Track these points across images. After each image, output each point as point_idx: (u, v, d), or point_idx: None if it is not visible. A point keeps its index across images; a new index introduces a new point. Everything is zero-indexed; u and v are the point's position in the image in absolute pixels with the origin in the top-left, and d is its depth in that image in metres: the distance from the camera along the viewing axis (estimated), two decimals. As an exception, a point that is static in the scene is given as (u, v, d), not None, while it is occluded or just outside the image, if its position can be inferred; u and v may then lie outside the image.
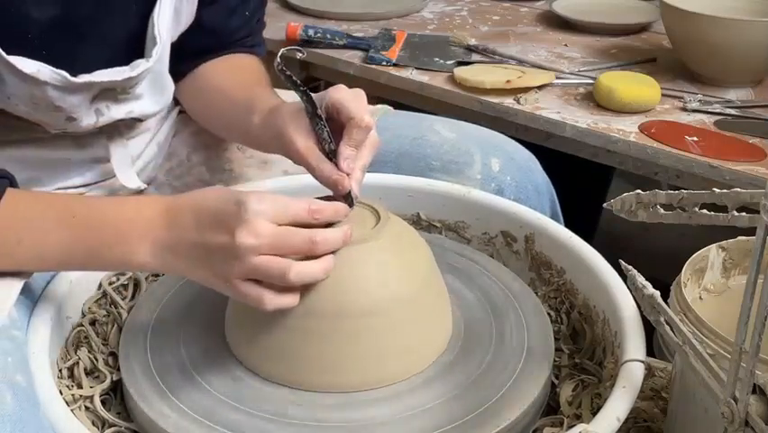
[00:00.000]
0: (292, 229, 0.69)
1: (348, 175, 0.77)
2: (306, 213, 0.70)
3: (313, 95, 0.78)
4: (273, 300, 0.69)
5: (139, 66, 0.87)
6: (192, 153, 1.10)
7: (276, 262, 0.67)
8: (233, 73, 1.02)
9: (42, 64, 0.80)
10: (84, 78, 0.83)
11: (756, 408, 0.58)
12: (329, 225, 0.72)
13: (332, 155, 0.77)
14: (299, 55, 0.80)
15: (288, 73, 0.75)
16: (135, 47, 0.89)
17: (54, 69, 0.81)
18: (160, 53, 0.88)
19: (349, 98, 0.79)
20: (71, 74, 0.82)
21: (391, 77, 1.49)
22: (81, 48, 0.85)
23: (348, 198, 0.76)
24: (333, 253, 0.71)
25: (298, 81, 0.76)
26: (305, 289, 0.71)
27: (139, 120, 0.96)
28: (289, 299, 0.70)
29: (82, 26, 0.84)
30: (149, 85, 0.92)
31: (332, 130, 0.78)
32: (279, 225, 0.68)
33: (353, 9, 1.77)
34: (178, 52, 0.96)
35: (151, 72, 0.90)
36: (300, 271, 0.68)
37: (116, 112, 0.91)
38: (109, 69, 0.86)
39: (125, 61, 0.87)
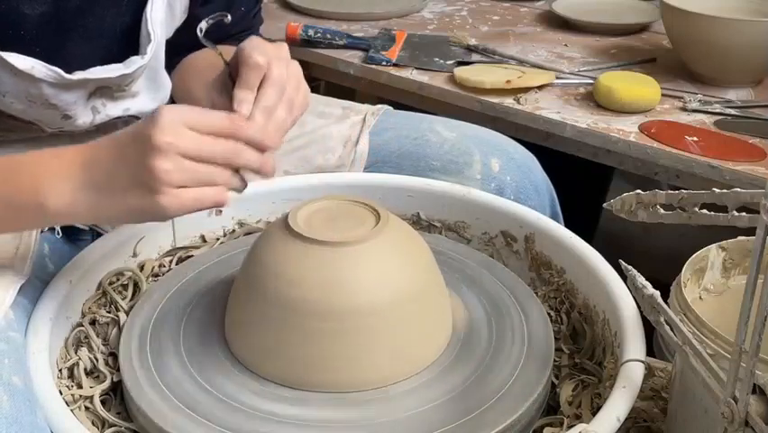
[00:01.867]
0: (212, 138, 0.67)
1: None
2: (227, 120, 0.68)
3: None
4: (222, 191, 0.68)
5: (134, 63, 0.87)
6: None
7: (216, 167, 0.67)
8: (204, 57, 1.00)
9: (37, 61, 0.80)
10: (78, 75, 0.83)
11: (756, 408, 0.58)
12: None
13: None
14: (226, 19, 0.78)
15: (207, 40, 0.74)
16: (130, 44, 0.88)
17: (48, 65, 0.80)
18: (154, 50, 0.88)
19: (251, 45, 0.76)
20: (66, 71, 0.82)
21: (391, 77, 1.49)
22: (74, 44, 0.84)
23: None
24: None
25: (215, 45, 0.75)
26: (304, 290, 0.71)
27: (136, 118, 0.96)
28: (237, 182, 0.69)
29: (74, 21, 0.84)
30: (145, 82, 0.92)
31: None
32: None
33: (353, 9, 1.77)
34: (173, 48, 0.96)
35: (147, 69, 0.90)
36: (248, 153, 0.68)
37: (113, 110, 0.90)
38: (104, 66, 0.85)
39: (120, 58, 0.87)
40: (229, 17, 0.79)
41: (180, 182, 0.67)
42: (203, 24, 0.75)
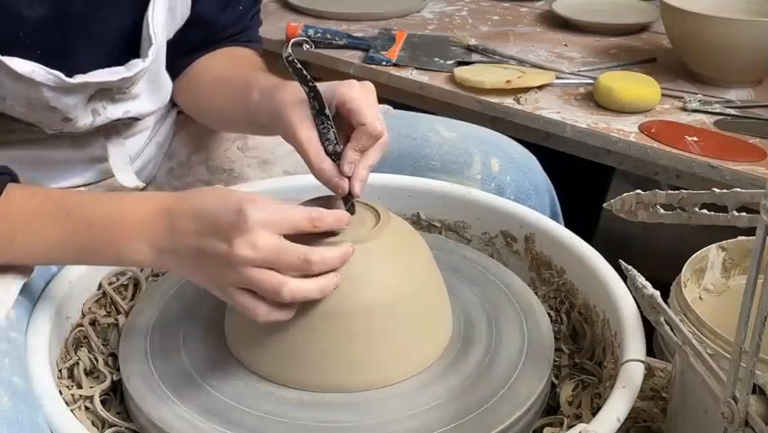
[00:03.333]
0: (290, 245, 0.67)
1: (350, 178, 0.76)
2: (307, 222, 0.69)
3: (321, 88, 0.76)
4: (266, 314, 0.68)
5: (135, 66, 0.87)
6: (192, 153, 1.10)
7: (269, 277, 0.66)
8: (229, 60, 1.01)
9: (37, 65, 0.80)
10: (79, 79, 0.83)
11: (756, 408, 0.58)
12: (332, 233, 0.72)
13: (335, 157, 0.76)
14: (306, 47, 0.79)
15: (299, 66, 0.73)
16: (131, 46, 0.88)
17: (49, 69, 0.80)
18: (155, 53, 0.88)
19: (361, 100, 0.77)
20: (66, 74, 0.82)
21: (391, 77, 1.49)
22: (75, 47, 0.84)
23: (348, 202, 0.76)
24: (333, 271, 0.70)
25: (308, 75, 0.74)
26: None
27: (137, 119, 0.96)
28: (283, 315, 0.69)
29: (74, 25, 0.84)
30: (146, 84, 0.92)
31: (338, 127, 0.77)
32: (280, 234, 0.67)
33: (353, 9, 1.77)
34: (171, 48, 0.96)
35: (148, 72, 0.90)
36: (293, 289, 0.67)
37: (113, 112, 0.90)
38: (105, 70, 0.86)
39: (121, 61, 0.87)
40: (312, 45, 0.80)
41: (245, 287, 0.68)
42: (290, 49, 0.73)
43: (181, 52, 1.00)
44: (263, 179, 1.02)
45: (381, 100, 1.21)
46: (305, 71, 0.74)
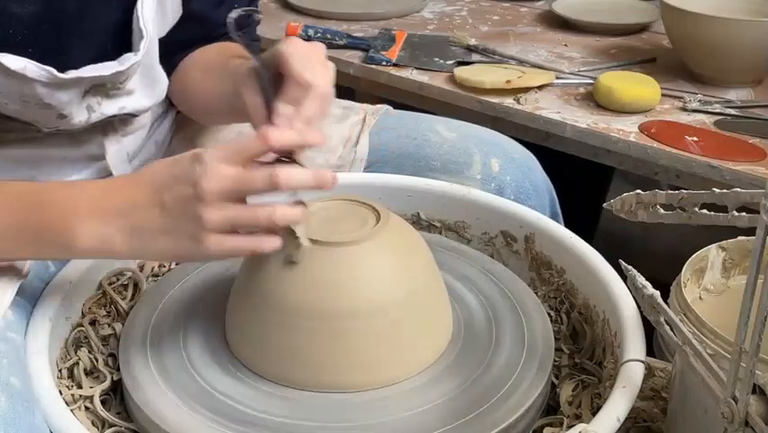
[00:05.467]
0: (252, 170, 0.67)
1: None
2: (259, 141, 0.68)
3: (267, 50, 0.76)
4: (261, 243, 0.67)
5: (127, 60, 0.86)
6: (193, 153, 1.09)
7: (257, 207, 0.66)
8: (217, 50, 1.00)
9: (29, 61, 0.79)
10: (72, 74, 0.82)
11: (756, 408, 0.58)
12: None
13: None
14: (258, 17, 0.78)
15: (239, 33, 0.73)
16: (122, 41, 0.87)
17: (41, 65, 0.79)
18: (147, 46, 0.87)
19: (292, 53, 0.75)
20: (59, 70, 0.81)
21: (391, 77, 1.49)
22: (66, 43, 0.84)
23: (285, 160, 0.73)
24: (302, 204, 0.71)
25: (249, 42, 0.74)
26: (305, 290, 0.71)
27: (133, 115, 0.95)
28: (276, 241, 0.69)
29: (64, 20, 0.83)
30: (140, 79, 0.91)
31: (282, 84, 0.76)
32: (238, 164, 0.67)
33: (353, 9, 1.77)
34: (166, 46, 0.95)
35: (142, 66, 0.89)
36: (284, 211, 0.67)
37: (108, 108, 0.89)
38: (97, 65, 0.84)
39: (114, 56, 0.86)
40: (261, 15, 0.79)
41: (226, 229, 0.67)
42: (233, 14, 0.73)
43: (177, 50, 0.99)
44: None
45: (381, 100, 1.22)
46: (245, 39, 0.73)
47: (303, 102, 0.75)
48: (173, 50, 0.98)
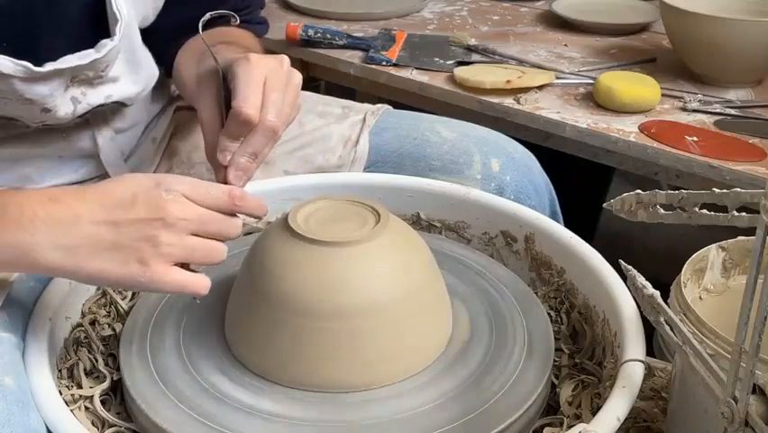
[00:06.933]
0: (214, 213, 0.68)
1: (226, 167, 0.75)
2: (227, 197, 0.69)
3: (232, 61, 0.75)
4: (200, 284, 0.67)
5: (104, 46, 0.84)
6: (192, 153, 1.09)
7: (213, 242, 0.67)
8: (213, 34, 0.98)
9: (4, 57, 0.77)
10: (49, 67, 0.80)
11: (756, 408, 0.58)
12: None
13: None
14: (234, 21, 0.77)
15: (203, 39, 0.74)
16: (99, 28, 0.85)
17: (16, 60, 0.78)
18: (123, 31, 0.85)
19: (242, 78, 0.74)
20: (37, 63, 0.79)
21: (391, 77, 1.49)
22: (41, 35, 0.82)
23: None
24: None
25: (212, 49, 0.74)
26: (305, 290, 0.71)
27: (123, 105, 0.94)
28: (208, 282, 0.69)
29: (36, 11, 0.82)
30: (123, 66, 0.89)
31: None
32: (201, 206, 0.67)
33: (353, 9, 1.77)
34: (161, 34, 0.94)
35: (123, 52, 0.87)
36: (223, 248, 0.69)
37: (94, 98, 0.88)
38: (74, 54, 0.83)
39: (92, 44, 0.84)
40: (238, 20, 0.79)
41: (178, 259, 0.66)
42: (206, 16, 0.74)
43: (171, 37, 0.99)
44: (263, 179, 1.02)
45: (381, 100, 1.22)
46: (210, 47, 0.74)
47: (248, 137, 0.75)
48: (168, 36, 0.97)
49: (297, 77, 0.81)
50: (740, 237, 0.75)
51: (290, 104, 0.79)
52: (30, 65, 0.79)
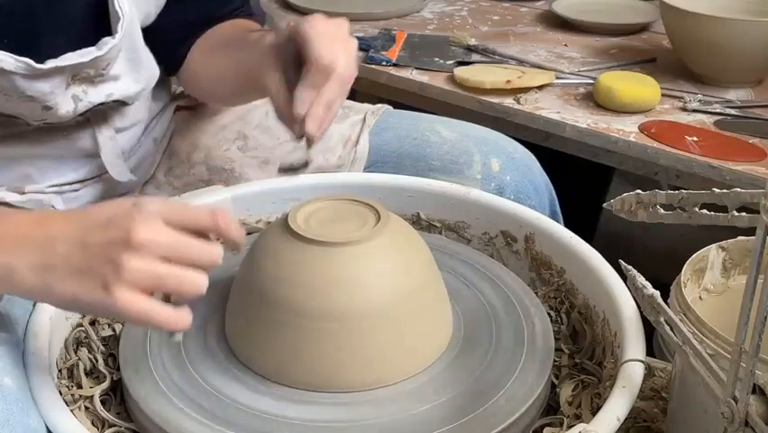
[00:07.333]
0: (189, 239, 0.63)
1: (304, 117, 0.74)
2: (210, 216, 0.64)
3: (289, 27, 0.77)
4: (175, 322, 0.62)
5: (106, 44, 0.84)
6: (192, 153, 1.09)
7: (189, 271, 0.61)
8: (229, 26, 1.00)
9: (5, 53, 0.78)
10: (50, 64, 0.80)
11: (756, 408, 0.58)
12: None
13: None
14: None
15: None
16: (100, 25, 0.85)
17: (17, 57, 0.78)
18: (125, 28, 0.85)
19: (312, 32, 0.75)
20: (38, 60, 0.79)
21: (391, 77, 1.49)
22: (42, 33, 0.82)
23: (309, 144, 0.74)
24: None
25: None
26: (305, 290, 0.71)
27: (123, 103, 0.94)
28: (188, 318, 0.64)
29: (36, 10, 0.82)
30: (125, 64, 0.89)
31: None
32: (180, 227, 0.63)
33: (353, 9, 1.77)
34: (171, 34, 0.94)
35: (125, 50, 0.87)
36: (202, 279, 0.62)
37: (95, 96, 0.88)
38: (76, 52, 0.83)
39: (94, 42, 0.84)
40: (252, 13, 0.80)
41: (144, 286, 0.61)
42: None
43: (183, 36, 0.99)
44: (263, 179, 1.02)
45: (381, 100, 1.22)
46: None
47: (324, 86, 0.75)
48: (169, 36, 0.97)
49: (354, 41, 0.83)
50: (740, 237, 0.75)
51: (352, 63, 0.80)
52: (31, 62, 0.79)
